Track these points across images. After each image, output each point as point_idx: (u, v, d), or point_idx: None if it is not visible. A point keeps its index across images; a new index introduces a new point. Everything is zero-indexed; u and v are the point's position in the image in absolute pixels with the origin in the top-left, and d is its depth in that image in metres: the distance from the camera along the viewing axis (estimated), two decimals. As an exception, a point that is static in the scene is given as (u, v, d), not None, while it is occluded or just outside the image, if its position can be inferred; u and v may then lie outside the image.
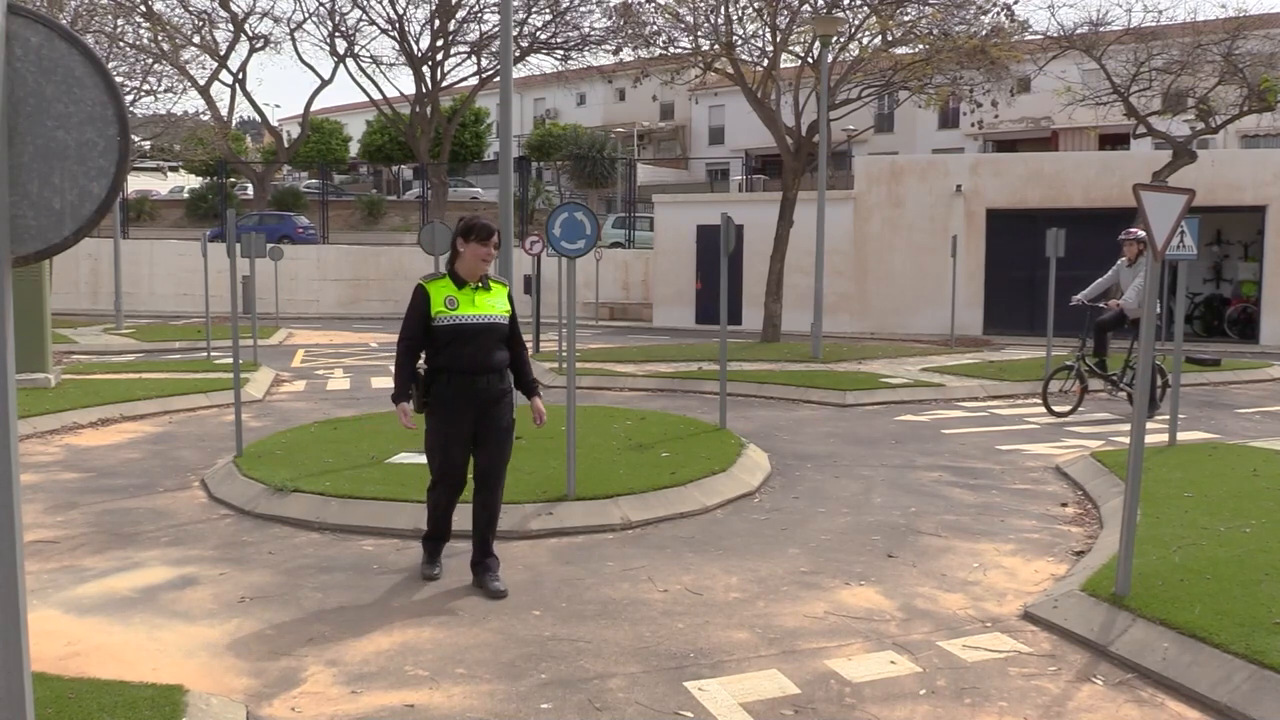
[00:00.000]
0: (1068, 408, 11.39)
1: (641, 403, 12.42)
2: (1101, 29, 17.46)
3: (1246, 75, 16.07)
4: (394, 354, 5.57)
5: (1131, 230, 11.67)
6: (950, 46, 18.15)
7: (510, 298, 5.69)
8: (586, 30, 30.61)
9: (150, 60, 27.35)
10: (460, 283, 5.48)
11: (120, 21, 25.91)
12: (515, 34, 24.45)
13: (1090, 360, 11.54)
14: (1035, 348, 17.69)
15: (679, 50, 20.44)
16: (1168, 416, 9.41)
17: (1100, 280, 11.72)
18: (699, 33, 19.39)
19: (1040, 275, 17.24)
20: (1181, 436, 9.59)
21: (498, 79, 11.42)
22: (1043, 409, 11.48)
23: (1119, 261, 11.67)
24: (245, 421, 9.49)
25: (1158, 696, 4.30)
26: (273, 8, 76.12)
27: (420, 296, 5.44)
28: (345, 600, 5.43)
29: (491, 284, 5.59)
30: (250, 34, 31.33)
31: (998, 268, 22.31)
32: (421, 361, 5.54)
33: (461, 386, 5.42)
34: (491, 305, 5.52)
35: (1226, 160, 21.56)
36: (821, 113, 17.24)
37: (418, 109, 32.20)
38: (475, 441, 5.56)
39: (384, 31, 31.49)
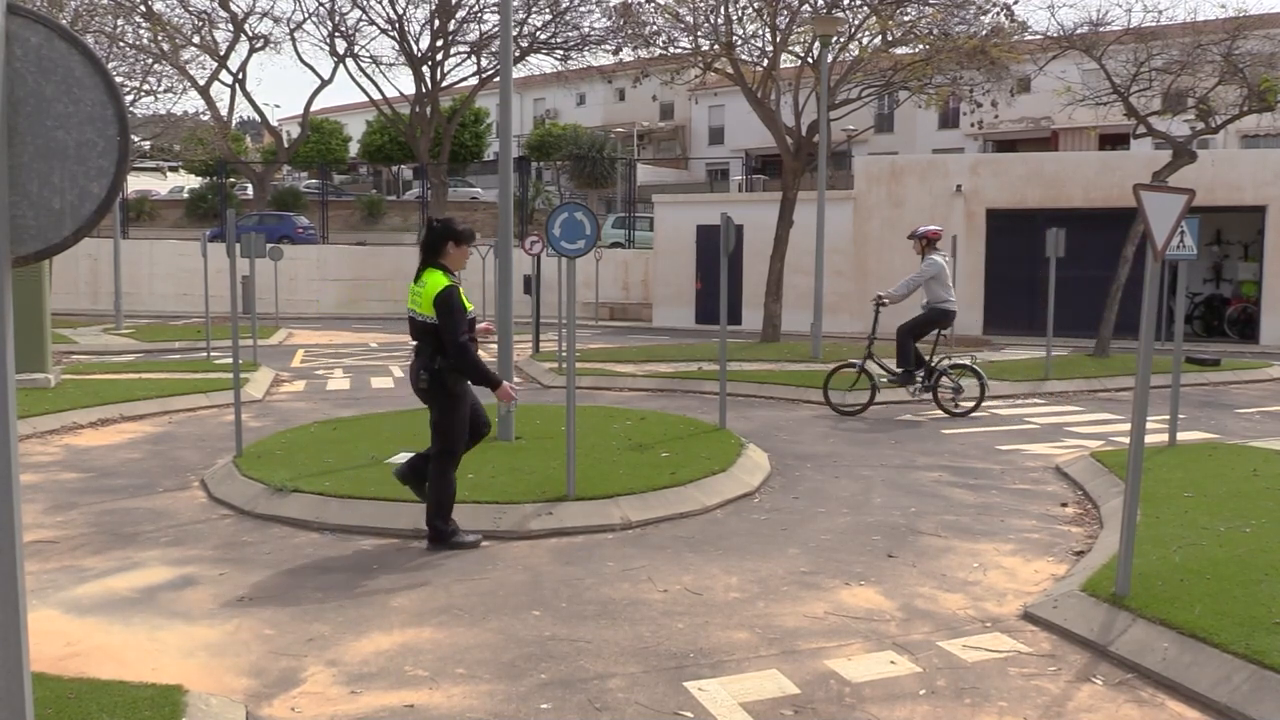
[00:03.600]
0: (858, 405, 11.50)
1: (641, 403, 12.42)
2: (1101, 29, 17.41)
3: (1246, 75, 16.02)
4: (463, 352, 6.03)
5: (916, 228, 11.89)
6: (950, 46, 18.14)
7: None
8: (586, 30, 30.58)
9: (150, 60, 27.32)
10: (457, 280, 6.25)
11: (120, 21, 25.89)
12: (515, 34, 24.45)
13: (880, 359, 11.61)
14: (1035, 348, 17.68)
15: (679, 50, 20.43)
16: (1169, 418, 9.39)
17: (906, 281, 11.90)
18: (699, 33, 19.39)
19: (1040, 275, 17.22)
20: (1181, 436, 9.59)
21: (498, 79, 11.41)
22: (1045, 409, 11.49)
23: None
24: (245, 421, 9.49)
25: (1158, 696, 4.30)
26: (273, 8, 76.04)
27: (459, 296, 6.11)
28: (345, 600, 5.43)
29: None
30: (250, 34, 31.30)
31: (998, 268, 22.29)
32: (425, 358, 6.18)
33: None
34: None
35: (1226, 160, 21.56)
36: (821, 113, 17.24)
37: (417, 109, 32.18)
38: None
39: (384, 31, 31.45)
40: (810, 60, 19.25)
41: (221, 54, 31.25)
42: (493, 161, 40.28)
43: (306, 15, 52.93)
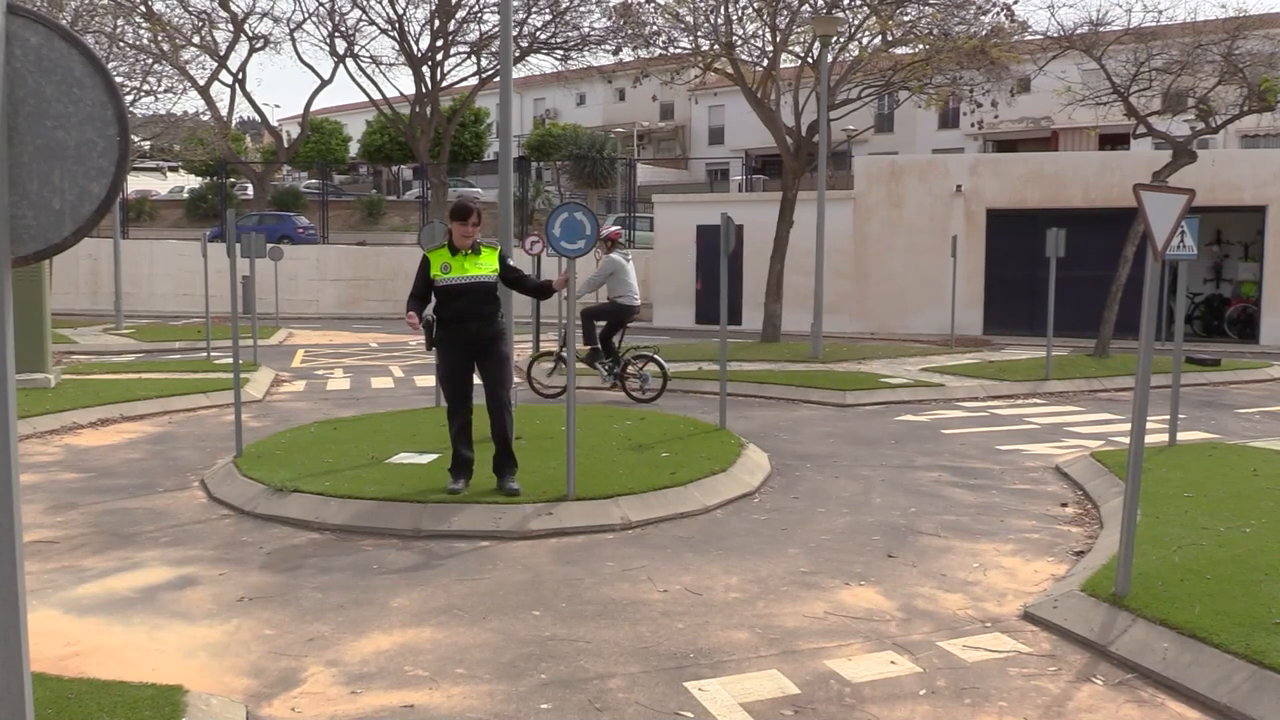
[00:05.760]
0: (557, 389, 12.62)
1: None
2: (1101, 29, 17.40)
3: (1246, 75, 16.02)
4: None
5: (605, 228, 12.54)
6: (950, 47, 18.14)
7: (501, 257, 7.13)
8: (586, 30, 30.54)
9: (150, 60, 27.32)
10: (454, 250, 6.99)
11: (120, 21, 25.87)
12: (515, 34, 24.44)
13: (581, 349, 12.40)
14: (1035, 348, 17.68)
15: (679, 50, 20.42)
16: (1169, 418, 9.39)
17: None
18: (699, 33, 19.38)
19: (1040, 275, 17.24)
20: (1181, 436, 9.59)
21: (498, 79, 11.43)
22: (1045, 409, 11.48)
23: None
24: (245, 421, 9.49)
25: (1158, 696, 4.30)
26: (273, 8, 76.12)
27: (424, 263, 7.05)
28: (345, 600, 5.43)
29: (482, 250, 7.05)
30: (250, 34, 31.28)
31: (998, 268, 22.29)
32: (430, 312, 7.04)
33: (455, 331, 6.95)
34: (479, 268, 6.97)
35: (1226, 160, 21.55)
36: (821, 113, 17.23)
37: (417, 109, 32.17)
38: (481, 374, 7.07)
39: (384, 31, 31.41)
40: (810, 60, 19.24)
41: (221, 54, 31.22)
42: (493, 161, 40.26)
43: (306, 15, 52.83)
